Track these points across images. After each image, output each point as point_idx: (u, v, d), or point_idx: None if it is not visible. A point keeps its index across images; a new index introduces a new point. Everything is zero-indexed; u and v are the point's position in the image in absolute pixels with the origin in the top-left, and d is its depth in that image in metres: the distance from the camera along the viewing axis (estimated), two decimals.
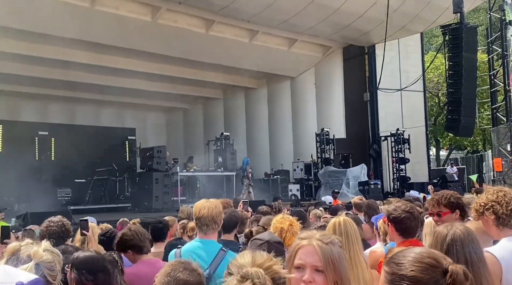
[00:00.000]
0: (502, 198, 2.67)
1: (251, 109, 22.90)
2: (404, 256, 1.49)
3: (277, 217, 3.57)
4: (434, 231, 2.42)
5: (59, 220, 4.02)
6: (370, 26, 17.98)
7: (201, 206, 3.44)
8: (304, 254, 1.74)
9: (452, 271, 1.41)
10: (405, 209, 3.17)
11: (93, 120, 21.78)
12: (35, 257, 2.03)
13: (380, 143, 20.12)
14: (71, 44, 15.32)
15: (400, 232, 3.14)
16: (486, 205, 2.70)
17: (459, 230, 2.24)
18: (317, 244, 1.75)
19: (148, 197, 14.62)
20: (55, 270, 2.09)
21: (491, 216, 2.66)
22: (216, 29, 17.06)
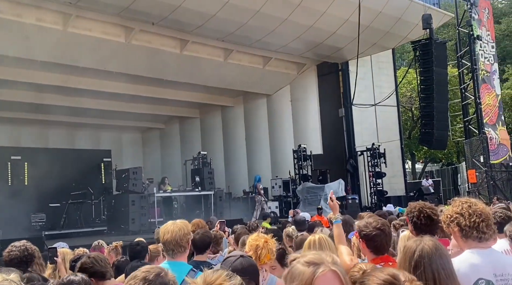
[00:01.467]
0: (466, 210, 2.67)
1: (228, 128, 22.92)
2: (369, 276, 1.54)
3: (252, 236, 3.54)
4: (404, 246, 2.42)
5: (22, 245, 3.91)
6: (343, 43, 18.29)
7: (165, 230, 3.39)
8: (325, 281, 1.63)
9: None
10: (376, 225, 3.17)
11: (67, 143, 21.45)
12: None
13: (356, 157, 20.32)
14: (43, 67, 15.13)
15: (371, 249, 3.14)
16: (451, 217, 2.71)
17: (427, 246, 2.24)
18: (338, 270, 1.67)
19: (125, 219, 14.38)
20: None
21: (455, 228, 2.67)
22: (190, 48, 17.11)
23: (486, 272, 2.52)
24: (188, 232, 3.40)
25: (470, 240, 2.64)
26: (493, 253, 2.69)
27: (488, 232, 2.66)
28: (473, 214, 2.66)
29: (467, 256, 2.59)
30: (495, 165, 20.26)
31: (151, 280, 1.92)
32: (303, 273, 1.64)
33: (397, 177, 21.31)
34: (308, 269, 1.65)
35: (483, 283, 2.52)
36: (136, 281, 1.93)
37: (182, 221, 3.54)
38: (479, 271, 2.52)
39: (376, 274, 1.52)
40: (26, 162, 18.08)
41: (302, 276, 1.64)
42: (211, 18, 14.85)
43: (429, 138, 19.18)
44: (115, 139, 23.92)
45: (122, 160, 21.61)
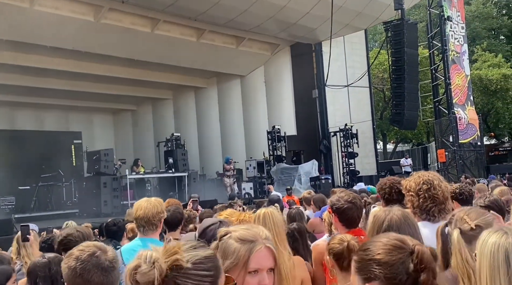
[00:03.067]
0: (423, 192, 2.69)
1: (202, 109, 22.73)
2: (371, 243, 1.51)
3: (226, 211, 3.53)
4: (374, 216, 2.45)
5: None
6: (316, 24, 18.24)
7: (138, 206, 3.37)
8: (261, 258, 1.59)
9: (418, 251, 1.42)
10: (347, 199, 3.20)
11: (35, 125, 20.93)
12: None
13: (329, 138, 20.50)
14: (8, 46, 14.63)
15: (343, 222, 3.17)
16: (408, 191, 2.76)
17: (396, 215, 2.27)
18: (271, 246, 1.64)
19: (97, 201, 14.19)
20: None
21: (408, 204, 2.72)
22: (162, 28, 16.79)
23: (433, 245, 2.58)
24: (161, 211, 3.39)
25: (419, 219, 2.69)
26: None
27: (440, 216, 2.68)
28: (429, 198, 2.67)
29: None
30: (464, 144, 20.78)
31: (84, 259, 1.84)
32: (239, 251, 1.59)
33: (369, 157, 21.64)
34: (243, 246, 1.60)
35: None
36: (70, 260, 1.87)
37: (156, 198, 3.52)
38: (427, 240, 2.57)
39: (381, 239, 1.49)
40: None
41: (238, 254, 1.59)
42: None
43: (400, 118, 19.46)
44: (85, 121, 23.44)
45: (93, 142, 21.20)
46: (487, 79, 28.76)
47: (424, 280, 1.39)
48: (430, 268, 1.41)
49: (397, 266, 1.41)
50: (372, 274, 1.43)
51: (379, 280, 1.41)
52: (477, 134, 21.75)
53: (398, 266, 1.41)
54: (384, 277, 1.40)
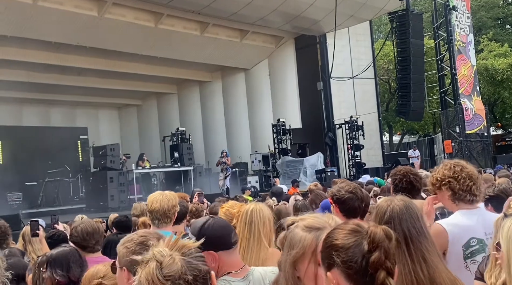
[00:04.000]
0: (459, 174, 2.66)
1: (206, 103, 22.73)
2: (334, 230, 1.47)
3: (228, 203, 3.53)
4: (376, 206, 2.44)
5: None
6: (320, 15, 18.14)
7: (153, 199, 3.42)
8: None
9: (371, 231, 1.38)
10: (348, 189, 3.17)
11: (42, 120, 21.04)
12: None
13: (335, 130, 20.43)
14: (13, 43, 14.68)
15: (344, 213, 3.15)
16: (443, 180, 2.69)
17: (397, 206, 2.25)
18: None
19: (104, 196, 14.26)
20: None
21: (448, 192, 2.68)
22: (165, 22, 16.76)
23: (477, 231, 2.58)
24: (176, 204, 3.44)
25: (462, 203, 2.66)
26: (482, 212, 2.73)
27: (479, 195, 2.69)
28: (466, 177, 2.65)
29: (459, 218, 2.62)
30: (471, 135, 20.66)
31: (149, 246, 1.88)
32: (305, 239, 1.56)
33: (375, 149, 21.56)
34: (309, 234, 1.57)
35: (475, 242, 2.58)
36: (133, 245, 1.88)
37: (170, 192, 3.59)
38: (471, 231, 2.57)
39: (342, 226, 1.47)
40: (0, 140, 17.72)
41: (304, 242, 1.55)
42: None
43: (406, 110, 19.39)
44: (91, 116, 23.54)
45: (99, 137, 21.33)
46: (493, 69, 28.51)
47: (374, 258, 1.34)
48: (382, 246, 1.36)
49: (352, 248, 1.38)
50: (332, 260, 1.40)
51: (337, 266, 1.38)
52: (483, 124, 21.61)
53: (353, 249, 1.37)
54: (341, 261, 1.37)
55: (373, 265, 1.35)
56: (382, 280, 1.33)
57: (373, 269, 1.35)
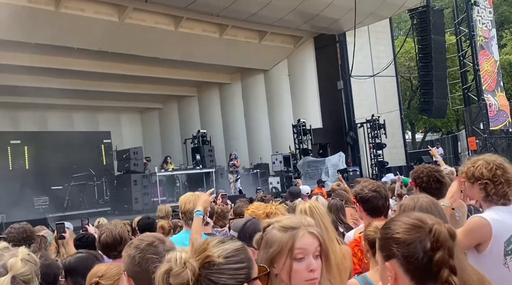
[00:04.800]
0: (498, 178, 2.55)
1: (227, 105, 22.82)
2: (392, 221, 1.51)
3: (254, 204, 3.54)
4: (401, 204, 2.42)
5: (20, 227, 3.92)
6: (339, 14, 18.04)
7: (186, 200, 3.46)
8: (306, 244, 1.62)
9: (436, 230, 1.41)
10: (371, 188, 3.16)
11: (66, 125, 21.42)
12: (12, 270, 1.85)
13: (356, 130, 20.29)
14: (37, 49, 14.97)
15: (368, 212, 3.14)
16: (479, 179, 2.59)
17: (425, 202, 2.28)
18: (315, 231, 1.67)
19: (128, 199, 14.45)
20: (30, 282, 1.92)
21: (481, 193, 2.59)
22: (185, 25, 16.90)
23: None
24: (208, 204, 3.46)
25: (492, 204, 2.58)
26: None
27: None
28: (505, 182, 2.55)
29: (500, 214, 2.52)
30: (495, 131, 20.30)
31: (143, 248, 1.88)
32: (281, 239, 1.62)
33: (398, 147, 21.33)
34: (286, 234, 1.62)
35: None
36: (130, 249, 1.91)
37: (201, 192, 3.66)
38: (510, 228, 2.50)
39: (401, 218, 1.49)
40: (26, 145, 18.10)
41: (281, 242, 1.61)
42: None
43: (429, 107, 19.15)
44: (113, 120, 23.86)
45: (122, 141, 21.61)
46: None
47: (439, 258, 1.38)
48: (447, 246, 1.39)
49: (414, 244, 1.41)
50: (391, 252, 1.44)
51: (397, 258, 1.43)
52: (508, 120, 21.19)
53: (416, 245, 1.41)
54: (402, 255, 1.41)
55: (437, 264, 1.38)
56: (445, 278, 1.38)
57: (436, 267, 1.39)
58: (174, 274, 1.21)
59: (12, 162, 17.76)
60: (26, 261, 1.91)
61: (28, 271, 1.89)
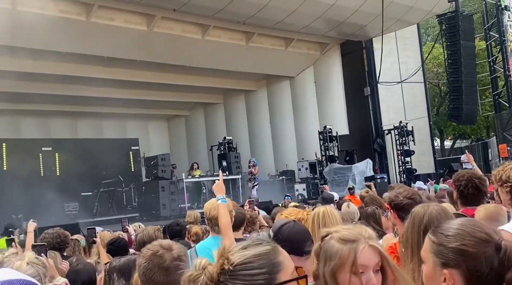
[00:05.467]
0: None
1: (252, 112, 22.90)
2: (454, 228, 1.47)
3: (287, 209, 3.54)
4: (412, 212, 2.41)
5: (54, 232, 4.03)
6: (366, 20, 17.95)
7: (210, 207, 3.48)
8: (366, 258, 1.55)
9: (506, 247, 1.38)
10: (406, 195, 3.12)
11: (95, 133, 21.86)
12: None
13: (383, 136, 20.07)
14: (69, 59, 15.34)
15: (402, 219, 3.09)
16: (506, 182, 2.59)
17: (435, 211, 2.26)
18: (376, 244, 1.61)
19: (156, 205, 14.61)
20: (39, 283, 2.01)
21: (508, 196, 2.58)
22: (212, 33, 17.07)
23: None
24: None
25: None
26: None
27: None
28: None
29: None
30: None
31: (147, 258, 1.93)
32: (341, 251, 1.56)
33: (426, 154, 21.00)
34: (345, 246, 1.56)
35: None
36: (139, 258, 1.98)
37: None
38: None
39: (466, 228, 1.44)
40: (57, 152, 18.51)
41: (341, 255, 1.55)
42: (232, 1, 14.75)
43: (458, 113, 18.80)
44: (141, 127, 24.23)
45: (149, 148, 21.91)
46: None
47: (510, 278, 1.34)
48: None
49: (481, 259, 1.37)
50: (453, 262, 1.40)
51: (459, 269, 1.39)
52: None
53: (483, 260, 1.37)
54: (466, 268, 1.38)
55: (509, 283, 1.35)
56: None
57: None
58: (192, 279, 1.25)
59: (43, 168, 18.18)
60: (32, 264, 1.97)
61: (35, 272, 1.94)
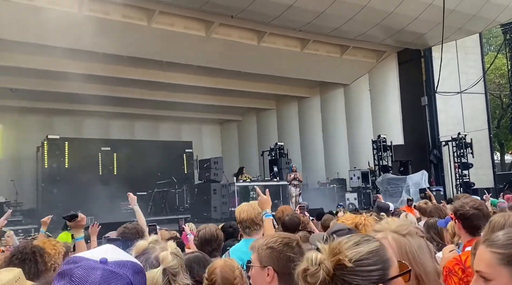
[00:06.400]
0: None
1: (305, 118, 22.85)
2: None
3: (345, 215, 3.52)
4: (490, 221, 2.32)
5: (133, 227, 4.19)
6: (426, 29, 17.51)
7: (240, 210, 3.60)
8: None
9: None
10: (473, 205, 3.03)
11: (151, 135, 22.54)
12: (163, 262, 1.96)
13: (440, 148, 19.43)
14: (128, 62, 15.92)
15: (467, 229, 3.00)
16: None
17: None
18: (392, 238, 1.64)
19: (207, 207, 14.86)
20: (177, 275, 2.04)
21: None
22: (267, 40, 17.22)
23: None
24: (261, 212, 3.60)
25: None
26: None
27: None
28: None
29: None
30: None
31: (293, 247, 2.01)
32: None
33: (485, 168, 20.14)
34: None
35: None
36: (279, 245, 2.01)
37: (254, 202, 3.80)
38: None
39: None
40: (115, 152, 19.18)
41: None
42: (288, 8, 14.82)
43: None
44: (195, 131, 24.75)
45: (202, 151, 22.32)
46: None
47: None
48: None
49: None
50: None
51: None
52: None
53: None
54: None
55: None
56: None
57: None
58: (310, 274, 1.27)
59: (102, 167, 18.89)
60: (174, 255, 2.02)
61: (177, 265, 2.00)
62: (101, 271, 1.02)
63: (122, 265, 1.06)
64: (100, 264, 1.03)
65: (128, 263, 1.07)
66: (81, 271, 1.01)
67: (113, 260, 1.06)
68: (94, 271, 1.01)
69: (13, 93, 17.08)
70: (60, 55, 14.86)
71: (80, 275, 1.00)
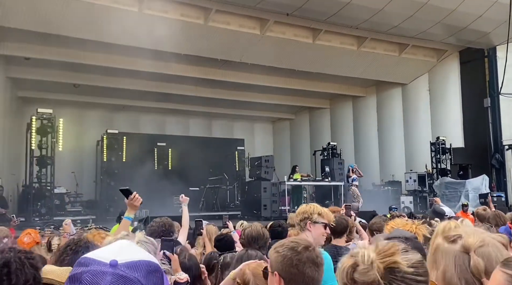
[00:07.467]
0: None
1: (359, 118, 22.40)
2: None
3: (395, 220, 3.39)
4: None
5: (160, 221, 4.26)
6: (490, 27, 16.68)
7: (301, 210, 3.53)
8: None
9: None
10: None
11: (204, 131, 22.93)
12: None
13: (503, 152, 18.44)
14: (184, 60, 16.22)
15: None
16: None
17: None
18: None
19: (257, 205, 14.89)
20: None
21: None
22: (323, 38, 17.00)
23: None
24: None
25: None
26: None
27: None
28: None
29: None
30: None
31: (300, 251, 1.92)
32: None
33: None
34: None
35: None
36: (284, 249, 1.94)
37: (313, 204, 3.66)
38: None
39: None
40: (170, 148, 19.67)
41: None
42: (346, 5, 14.56)
43: None
44: (247, 128, 24.91)
45: (254, 149, 22.43)
46: None
47: None
48: None
49: None
50: None
51: None
52: None
53: None
54: None
55: None
56: None
57: None
58: (361, 272, 1.21)
59: (157, 162, 19.42)
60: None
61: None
62: (110, 276, 0.99)
63: (134, 266, 1.02)
64: (110, 268, 1.00)
65: (142, 262, 1.03)
66: (90, 278, 0.99)
67: (125, 261, 1.02)
68: (104, 277, 0.99)
69: (76, 88, 17.88)
70: (120, 53, 15.42)
71: (89, 282, 0.98)
